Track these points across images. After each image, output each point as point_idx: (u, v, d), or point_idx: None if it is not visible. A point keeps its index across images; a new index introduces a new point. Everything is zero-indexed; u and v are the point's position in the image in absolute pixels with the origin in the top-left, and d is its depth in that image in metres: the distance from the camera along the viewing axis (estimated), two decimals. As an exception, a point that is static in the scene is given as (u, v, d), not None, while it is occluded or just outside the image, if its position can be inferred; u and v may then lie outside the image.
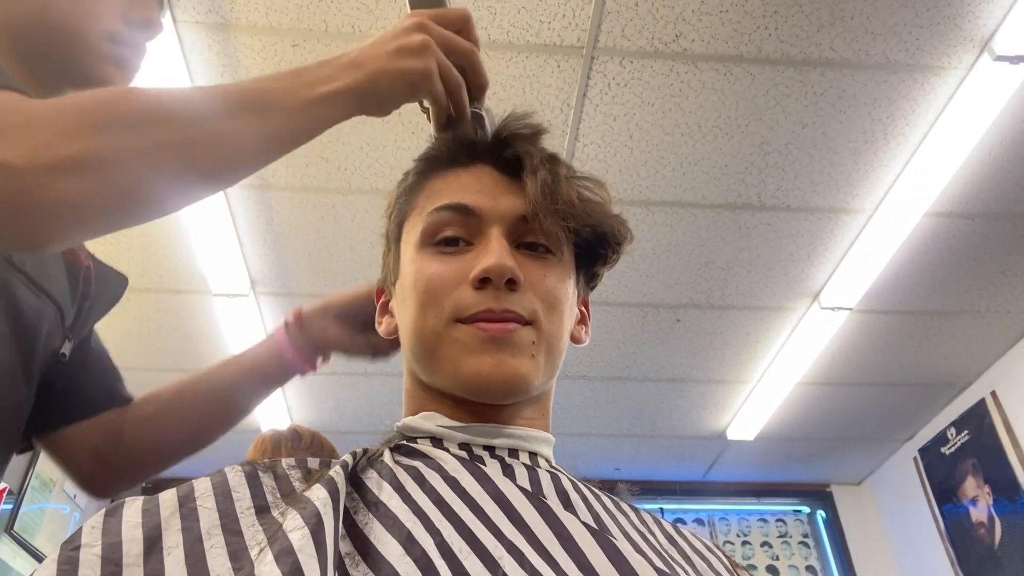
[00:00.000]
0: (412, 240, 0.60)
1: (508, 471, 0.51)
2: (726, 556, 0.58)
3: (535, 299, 0.55)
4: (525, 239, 0.58)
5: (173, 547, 0.40)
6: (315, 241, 2.34)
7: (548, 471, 0.53)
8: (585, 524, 0.45)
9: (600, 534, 0.45)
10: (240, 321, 2.60)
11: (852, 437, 3.59)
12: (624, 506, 0.55)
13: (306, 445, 1.53)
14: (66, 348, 0.81)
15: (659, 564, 0.44)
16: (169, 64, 1.73)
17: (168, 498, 0.45)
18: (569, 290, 0.60)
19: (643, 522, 0.55)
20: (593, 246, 0.63)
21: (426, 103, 0.68)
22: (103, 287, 0.87)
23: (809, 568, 3.84)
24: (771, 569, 3.83)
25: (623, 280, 2.55)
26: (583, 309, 0.67)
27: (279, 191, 2.15)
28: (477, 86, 0.68)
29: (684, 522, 3.97)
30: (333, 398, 3.19)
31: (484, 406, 0.55)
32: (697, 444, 3.68)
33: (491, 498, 0.46)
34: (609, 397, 3.28)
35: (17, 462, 2.84)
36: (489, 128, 0.68)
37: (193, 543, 0.41)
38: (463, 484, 0.47)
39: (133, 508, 0.44)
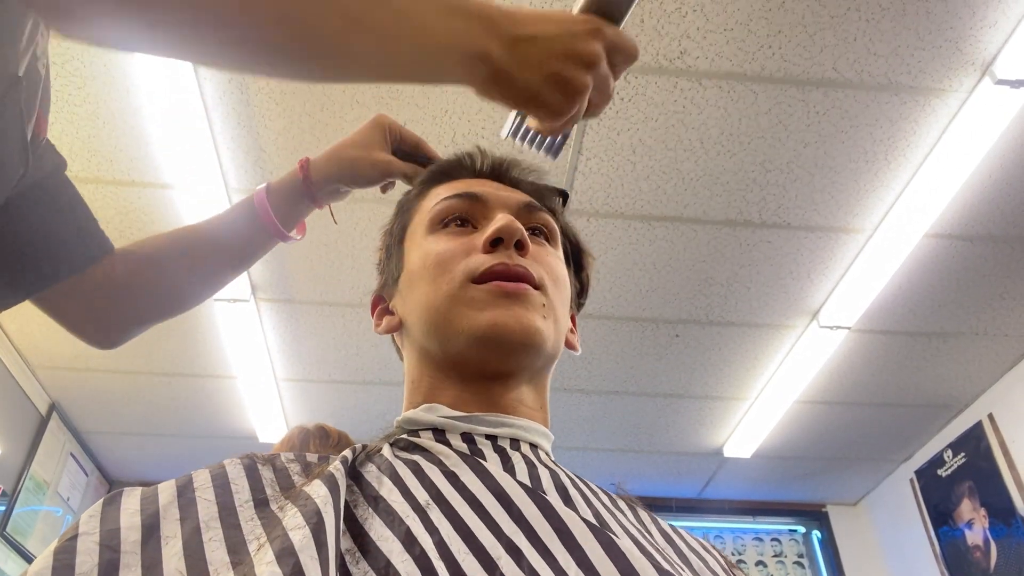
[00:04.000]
0: (420, 231, 0.64)
1: (508, 466, 0.51)
2: (722, 556, 0.58)
3: (541, 269, 0.59)
4: (527, 225, 0.63)
5: (171, 537, 0.40)
6: (317, 248, 2.35)
7: (548, 467, 0.54)
8: (585, 520, 0.45)
9: (600, 530, 0.45)
10: (240, 327, 2.60)
11: (849, 457, 3.58)
12: (621, 503, 0.56)
13: (334, 443, 1.50)
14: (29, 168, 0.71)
15: (659, 560, 0.44)
16: (179, 69, 1.74)
17: (167, 488, 0.45)
18: (567, 279, 0.65)
19: (640, 520, 0.55)
20: (579, 259, 0.70)
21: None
22: (48, 156, 0.79)
23: (804, 588, 3.83)
24: (766, 588, 3.82)
25: (622, 294, 2.56)
26: (571, 324, 0.70)
27: (282, 198, 2.16)
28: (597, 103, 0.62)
29: (679, 539, 3.95)
30: (330, 406, 3.19)
31: (490, 382, 0.56)
32: (694, 460, 3.67)
33: (491, 493, 0.46)
34: (606, 411, 3.28)
35: (11, 463, 2.84)
36: (571, 134, 0.68)
37: (191, 534, 0.40)
38: (463, 479, 0.47)
39: (132, 497, 0.44)
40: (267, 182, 0.90)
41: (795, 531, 4.02)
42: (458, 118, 1.94)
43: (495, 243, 0.57)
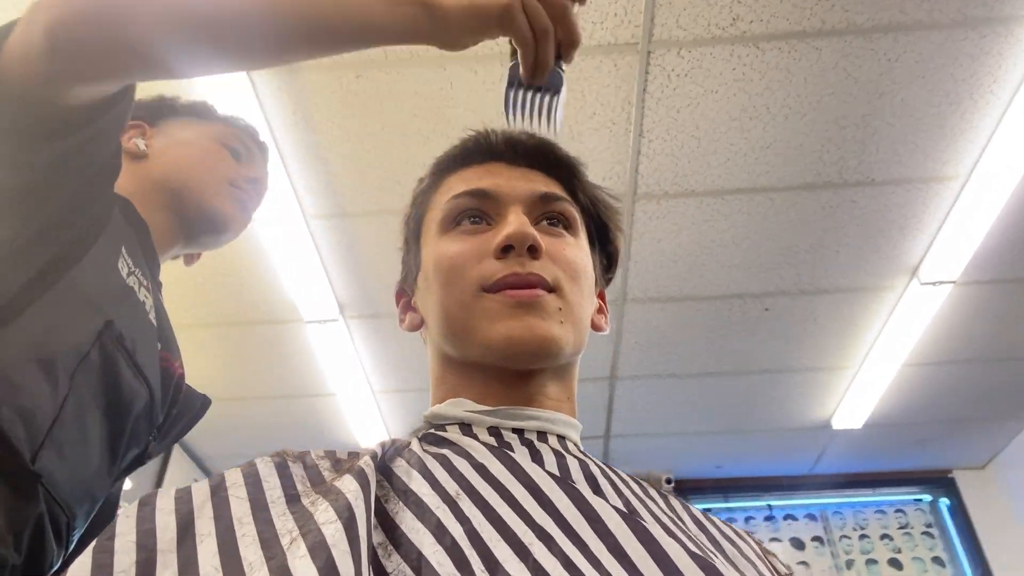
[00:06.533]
0: (434, 229, 0.63)
1: (536, 457, 0.51)
2: (756, 543, 0.57)
3: (556, 268, 0.58)
4: (543, 216, 0.62)
5: (206, 535, 0.41)
6: (397, 262, 2.40)
7: (576, 457, 0.54)
8: (615, 508, 0.45)
9: (631, 517, 0.44)
10: (332, 345, 2.70)
11: (970, 418, 3.37)
12: (652, 492, 0.55)
13: None
14: (152, 449, 0.87)
15: (692, 547, 0.43)
16: (241, 98, 1.82)
17: (200, 488, 0.45)
18: (588, 267, 0.63)
19: (671, 508, 0.54)
20: (604, 233, 0.68)
21: (514, 47, 0.63)
22: (188, 403, 0.94)
23: (936, 559, 3.62)
24: (894, 563, 3.63)
25: (703, 273, 2.50)
26: (600, 301, 0.69)
27: (357, 217, 2.23)
28: (566, 41, 0.63)
29: (795, 518, 3.83)
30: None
31: (513, 380, 0.56)
32: (801, 436, 3.54)
33: (520, 483, 0.46)
34: (701, 393, 3.21)
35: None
36: (563, 94, 0.65)
37: (225, 531, 0.41)
38: (491, 470, 0.47)
39: (167, 498, 0.44)
40: None
41: (920, 500, 3.82)
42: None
43: (506, 249, 0.56)
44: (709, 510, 4.01)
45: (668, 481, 3.50)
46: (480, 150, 0.66)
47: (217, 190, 0.93)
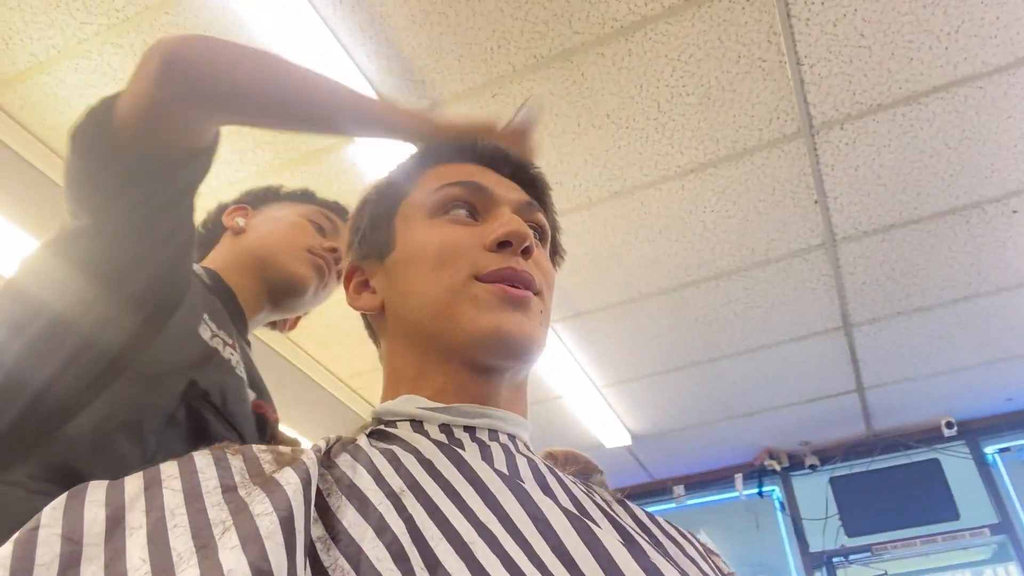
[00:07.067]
0: (419, 213, 0.61)
1: (486, 455, 0.50)
2: (700, 543, 0.55)
3: (540, 274, 0.59)
4: (526, 223, 0.62)
5: (136, 528, 0.39)
6: (580, 260, 2.43)
7: (526, 456, 0.52)
8: (563, 508, 0.43)
9: (578, 518, 0.42)
10: (547, 350, 2.78)
11: None
12: (596, 495, 0.53)
13: (561, 464, 1.56)
14: None
15: (646, 550, 0.41)
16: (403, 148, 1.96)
17: (134, 481, 0.43)
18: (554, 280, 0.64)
19: (615, 511, 0.52)
20: (554, 252, 0.70)
21: None
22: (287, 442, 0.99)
23: None
24: None
25: (919, 190, 2.20)
26: None
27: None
28: None
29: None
30: (657, 399, 3.24)
31: (473, 377, 0.56)
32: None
33: (467, 481, 0.45)
34: (961, 321, 2.83)
35: None
36: None
37: (156, 523, 0.39)
38: (438, 467, 0.46)
39: (98, 490, 0.43)
40: None
41: None
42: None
43: (502, 245, 0.57)
44: (1007, 449, 3.48)
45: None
46: (468, 151, 0.66)
47: (295, 257, 0.99)
